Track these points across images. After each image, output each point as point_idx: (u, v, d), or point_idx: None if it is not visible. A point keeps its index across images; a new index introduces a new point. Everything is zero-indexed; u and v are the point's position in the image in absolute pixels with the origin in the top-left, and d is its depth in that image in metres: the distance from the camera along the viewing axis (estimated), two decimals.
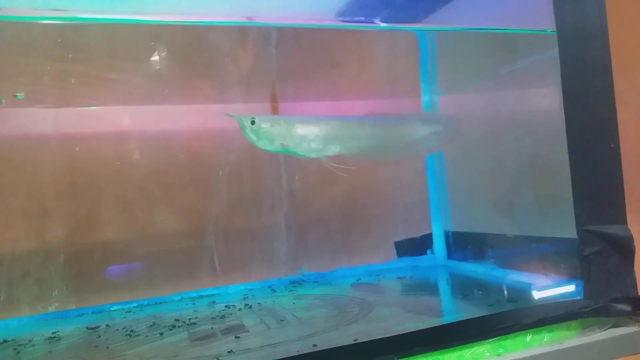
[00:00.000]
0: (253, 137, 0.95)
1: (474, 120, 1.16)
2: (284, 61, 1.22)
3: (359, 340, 0.70)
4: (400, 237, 1.25)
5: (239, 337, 0.78)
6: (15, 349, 0.84)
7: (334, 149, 1.01)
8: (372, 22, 1.06)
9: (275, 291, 1.11)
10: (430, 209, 1.27)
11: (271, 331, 0.81)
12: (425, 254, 1.26)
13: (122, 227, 1.15)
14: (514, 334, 0.76)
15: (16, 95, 1.08)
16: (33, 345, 0.85)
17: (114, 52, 1.17)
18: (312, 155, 1.01)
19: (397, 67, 1.27)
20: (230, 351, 0.71)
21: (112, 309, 1.07)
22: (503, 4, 1.08)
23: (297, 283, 1.16)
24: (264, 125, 0.95)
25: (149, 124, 1.20)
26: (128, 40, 1.17)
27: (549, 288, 0.89)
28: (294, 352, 0.68)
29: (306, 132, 0.99)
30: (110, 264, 1.11)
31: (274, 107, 1.18)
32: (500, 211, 1.11)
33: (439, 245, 1.26)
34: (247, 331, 0.81)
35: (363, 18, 1.06)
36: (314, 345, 0.70)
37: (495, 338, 0.73)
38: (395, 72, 1.26)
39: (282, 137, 0.97)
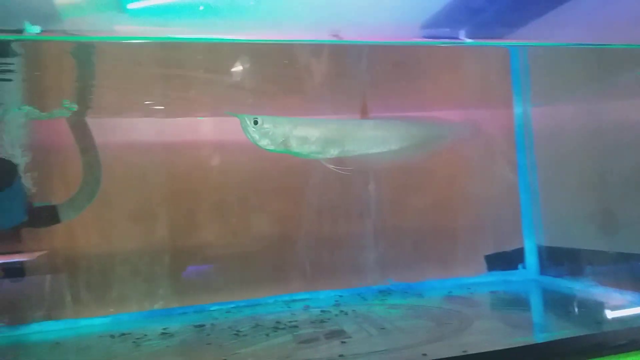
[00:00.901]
0: (255, 137, 0.95)
1: (571, 133, 1.14)
2: (373, 73, 1.24)
3: (468, 352, 0.71)
4: (490, 250, 1.24)
5: (344, 342, 0.81)
6: (134, 342, 0.90)
7: (333, 151, 1.01)
8: (458, 35, 1.06)
9: (365, 299, 1.13)
10: (523, 223, 1.24)
11: (374, 338, 0.83)
12: (517, 268, 1.23)
13: (217, 231, 1.21)
14: (628, 353, 0.73)
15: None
16: (149, 339, 0.91)
17: (213, 68, 1.24)
18: (312, 156, 1.01)
19: (489, 78, 1.25)
20: (341, 355, 0.74)
21: (211, 308, 1.13)
22: (602, 16, 1.05)
23: (385, 292, 1.17)
24: (267, 125, 0.96)
25: (242, 134, 1.27)
26: (225, 57, 1.24)
27: None
28: (405, 359, 0.70)
29: (307, 134, 0.99)
30: (209, 266, 1.18)
31: (363, 117, 1.20)
32: (601, 226, 1.08)
33: (531, 260, 1.23)
34: (350, 337, 0.84)
35: (448, 30, 1.07)
36: (424, 355, 0.71)
37: (612, 356, 0.71)
38: (487, 83, 1.25)
39: (284, 137, 0.97)
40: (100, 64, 1.02)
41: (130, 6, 0.71)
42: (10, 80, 0.98)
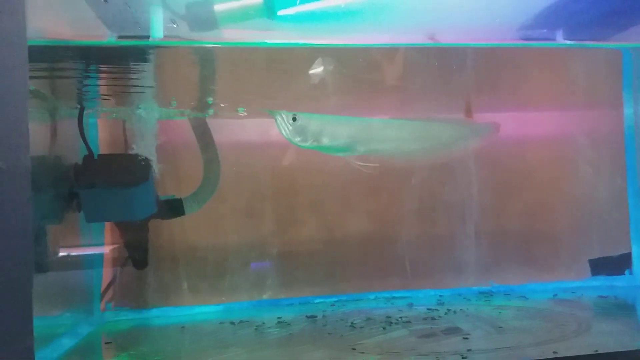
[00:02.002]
0: (290, 134, 0.98)
1: None
2: (476, 73, 1.25)
3: (599, 352, 0.71)
4: (595, 254, 1.21)
5: (466, 338, 0.82)
6: (255, 328, 0.96)
7: (360, 149, 1.04)
8: (555, 37, 1.05)
9: (468, 299, 1.14)
10: (630, 228, 1.21)
11: (495, 336, 0.84)
12: (623, 274, 1.20)
13: (316, 227, 1.26)
14: None
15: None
16: (269, 327, 0.97)
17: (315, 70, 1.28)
18: (340, 154, 1.04)
19: (595, 79, 1.23)
20: (469, 350, 0.76)
21: (315, 301, 1.17)
22: None
23: (487, 294, 1.17)
24: (303, 122, 0.98)
25: None
26: (326, 59, 1.28)
27: None
28: (535, 357, 0.71)
29: (338, 131, 1.02)
30: (310, 261, 1.23)
31: (468, 117, 1.22)
32: None
33: (639, 266, 1.19)
34: (469, 334, 0.85)
35: (546, 30, 1.06)
36: (554, 353, 0.72)
37: None
38: (594, 84, 1.22)
39: (317, 134, 1.00)
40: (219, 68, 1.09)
41: (280, 12, 0.76)
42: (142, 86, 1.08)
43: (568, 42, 1.05)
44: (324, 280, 1.22)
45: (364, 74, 1.25)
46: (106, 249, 1.15)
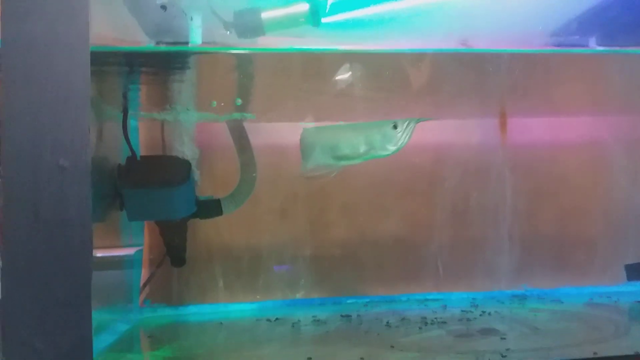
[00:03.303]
0: (393, 144, 0.97)
1: None
2: (510, 78, 1.25)
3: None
4: (630, 260, 1.20)
5: (504, 338, 0.83)
6: (292, 325, 0.99)
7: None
8: (588, 43, 1.05)
9: (502, 302, 1.14)
10: None
11: (532, 337, 0.84)
12: None
13: (346, 229, 1.27)
14: None
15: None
16: (305, 324, 0.99)
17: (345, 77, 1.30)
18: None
19: (630, 84, 1.22)
20: (508, 349, 0.76)
21: (347, 301, 1.19)
22: None
23: (521, 297, 1.17)
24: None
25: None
26: (357, 65, 1.30)
27: None
28: (577, 356, 0.71)
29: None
30: (342, 261, 1.24)
31: (502, 122, 1.22)
32: None
33: None
34: (505, 335, 0.86)
35: (578, 37, 1.06)
36: (595, 353, 0.72)
37: None
38: (628, 89, 1.22)
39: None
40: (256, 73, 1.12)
41: (324, 20, 0.79)
42: (182, 85, 1.11)
43: (600, 48, 1.05)
44: (355, 281, 1.24)
45: (397, 79, 1.27)
46: (145, 248, 1.19)
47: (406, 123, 0.99)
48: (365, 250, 1.26)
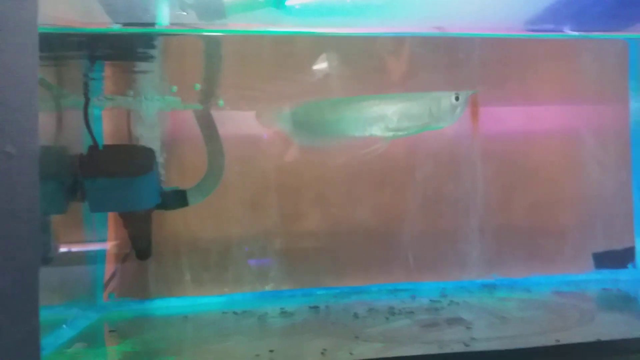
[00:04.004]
0: (453, 115, 0.96)
1: None
2: (483, 66, 1.24)
3: (602, 339, 0.71)
4: (599, 248, 1.21)
5: (469, 327, 0.82)
6: (258, 318, 0.97)
7: None
8: (563, 31, 1.05)
9: (471, 292, 1.13)
10: (635, 221, 1.21)
11: (497, 326, 0.84)
12: (626, 267, 1.20)
13: (320, 220, 1.26)
14: None
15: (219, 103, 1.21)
16: (272, 317, 0.97)
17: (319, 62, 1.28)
18: None
19: (602, 73, 1.23)
20: (473, 338, 0.76)
21: (318, 292, 1.17)
22: None
23: (490, 287, 1.17)
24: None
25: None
26: (329, 50, 1.28)
27: None
28: (536, 344, 0.71)
29: None
30: (314, 252, 1.23)
31: (473, 112, 1.21)
32: None
33: None
34: (472, 324, 0.85)
35: (553, 26, 1.06)
36: (557, 340, 0.72)
37: None
38: (600, 78, 1.22)
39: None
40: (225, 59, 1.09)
41: (288, 3, 0.76)
42: (147, 71, 1.08)
43: (574, 33, 1.05)
44: (327, 272, 1.22)
45: (372, 66, 1.25)
46: (109, 240, 1.16)
47: (465, 94, 0.98)
48: (337, 241, 1.24)
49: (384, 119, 1.03)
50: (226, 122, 1.18)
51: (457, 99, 0.95)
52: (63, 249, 1.05)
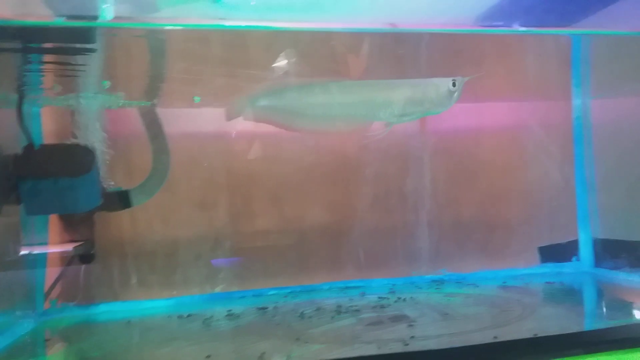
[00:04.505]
0: (450, 100, 0.97)
1: (632, 125, 1.13)
2: (431, 64, 1.25)
3: (539, 335, 0.72)
4: (544, 242, 1.24)
5: (412, 325, 0.83)
6: (203, 322, 0.94)
7: None
8: (512, 27, 1.06)
9: (420, 288, 1.14)
10: (578, 215, 1.24)
11: (440, 323, 0.85)
12: (571, 260, 1.23)
13: (273, 219, 1.24)
14: None
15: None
16: (217, 320, 0.95)
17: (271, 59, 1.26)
18: None
19: (546, 70, 1.25)
20: (412, 337, 0.76)
21: (269, 293, 1.16)
22: None
23: (439, 282, 1.18)
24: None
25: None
26: (280, 48, 1.26)
27: None
28: (476, 342, 0.71)
29: None
30: (265, 252, 1.21)
31: None
32: None
33: (585, 252, 1.23)
34: (415, 321, 0.86)
35: (502, 23, 1.07)
36: (495, 337, 0.73)
37: None
38: (544, 75, 1.24)
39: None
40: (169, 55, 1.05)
41: None
42: (86, 65, 1.03)
43: (521, 29, 1.06)
44: (278, 272, 1.21)
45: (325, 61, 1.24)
46: (50, 244, 1.11)
47: (461, 80, 1.00)
48: (289, 239, 1.23)
49: (390, 105, 1.02)
50: (173, 120, 1.15)
51: (454, 85, 0.96)
52: None
